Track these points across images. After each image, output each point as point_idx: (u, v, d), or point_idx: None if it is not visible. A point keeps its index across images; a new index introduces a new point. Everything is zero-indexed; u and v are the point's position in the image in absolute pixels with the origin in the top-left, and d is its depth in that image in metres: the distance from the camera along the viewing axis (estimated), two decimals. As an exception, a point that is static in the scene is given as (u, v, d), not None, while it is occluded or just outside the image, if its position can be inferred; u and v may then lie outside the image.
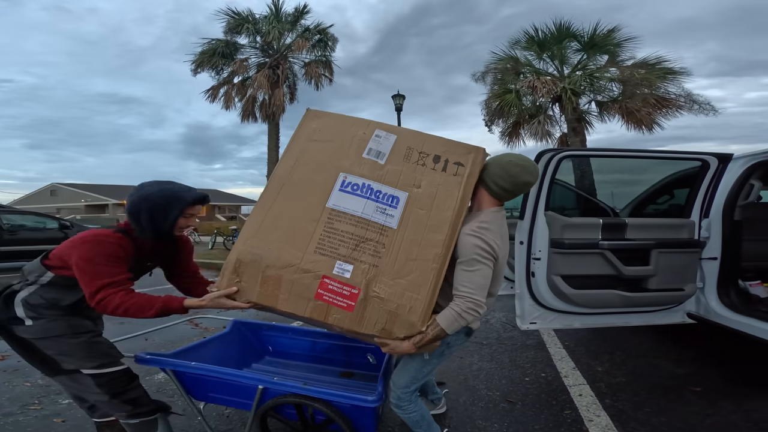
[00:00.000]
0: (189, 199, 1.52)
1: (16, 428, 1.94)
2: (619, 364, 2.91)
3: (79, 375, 1.49)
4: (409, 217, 1.39)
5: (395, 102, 10.08)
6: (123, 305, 1.35)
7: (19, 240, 7.58)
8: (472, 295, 1.33)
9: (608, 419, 2.14)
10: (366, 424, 1.56)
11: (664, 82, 9.03)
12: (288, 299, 1.32)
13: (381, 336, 1.34)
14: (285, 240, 1.36)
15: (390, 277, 1.31)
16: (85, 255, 1.37)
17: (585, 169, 8.56)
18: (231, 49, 13.62)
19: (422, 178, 1.45)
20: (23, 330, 1.48)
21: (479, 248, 1.35)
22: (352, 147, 1.52)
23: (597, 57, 9.90)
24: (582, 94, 9.80)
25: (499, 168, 1.46)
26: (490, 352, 3.18)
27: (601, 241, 2.51)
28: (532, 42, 9.99)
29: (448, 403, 2.31)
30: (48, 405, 2.19)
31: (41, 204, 32.54)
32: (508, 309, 4.49)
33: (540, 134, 9.88)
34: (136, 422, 1.60)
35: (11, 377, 2.55)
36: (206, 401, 1.85)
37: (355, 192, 1.42)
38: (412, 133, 1.56)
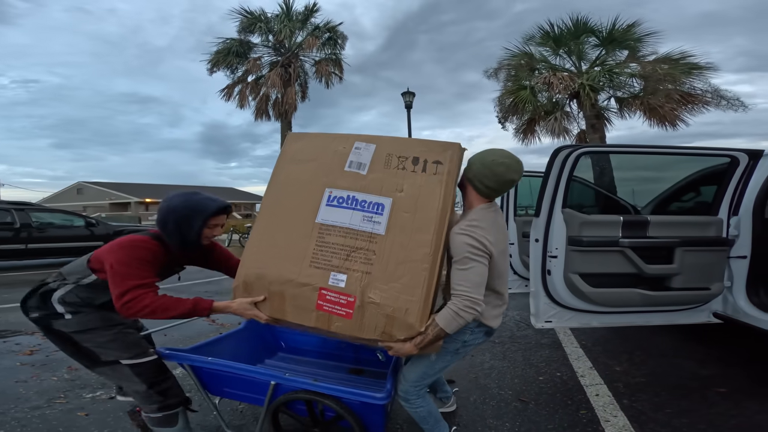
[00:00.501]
0: (211, 209, 1.56)
1: (42, 421, 2.01)
2: (639, 364, 2.81)
3: (119, 366, 1.58)
4: (396, 222, 1.41)
5: (405, 99, 10.06)
6: (151, 305, 1.42)
7: (47, 237, 7.86)
8: (468, 293, 1.33)
9: (626, 420, 2.06)
10: (375, 421, 1.56)
11: (690, 77, 8.73)
12: (294, 312, 1.41)
13: (382, 339, 1.36)
14: (283, 257, 1.44)
15: (383, 282, 1.34)
16: (121, 259, 1.45)
17: (604, 166, 8.33)
18: (245, 48, 13.90)
19: (404, 182, 1.47)
20: (62, 324, 1.57)
21: (470, 246, 1.36)
22: (334, 162, 1.57)
23: (616, 52, 9.64)
24: (601, 90, 9.56)
25: (484, 167, 1.46)
26: (503, 351, 3.12)
27: (622, 238, 2.45)
28: (547, 38, 9.81)
29: (458, 401, 2.28)
30: (73, 399, 2.25)
31: (68, 202, 33.73)
32: (522, 307, 4.40)
33: (557, 131, 9.69)
34: (160, 416, 1.65)
35: (39, 371, 2.64)
36: (221, 396, 1.88)
37: (341, 205, 1.47)
38: (390, 140, 1.59)
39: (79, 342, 1.58)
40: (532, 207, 4.51)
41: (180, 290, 4.72)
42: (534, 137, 10.61)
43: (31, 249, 7.67)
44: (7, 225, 7.38)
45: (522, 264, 3.99)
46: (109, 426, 1.95)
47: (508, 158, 1.45)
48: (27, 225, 7.59)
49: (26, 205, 8.12)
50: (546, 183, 2.44)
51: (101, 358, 1.58)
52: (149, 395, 1.62)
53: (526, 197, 4.34)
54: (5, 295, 5.14)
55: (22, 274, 7.06)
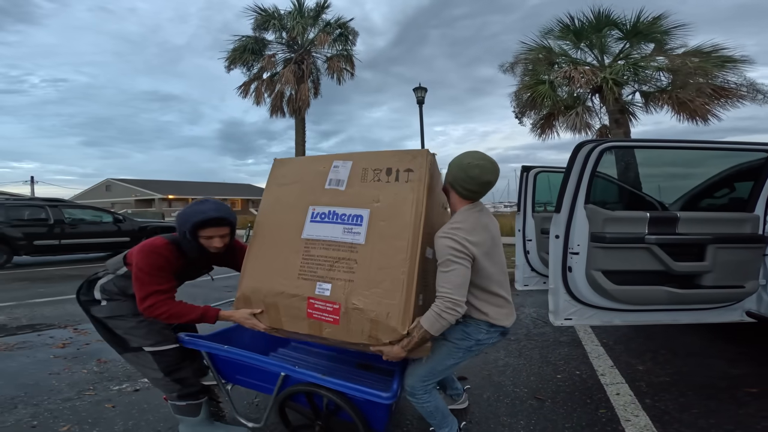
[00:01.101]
0: (192, 222, 1.58)
1: (73, 412, 2.10)
2: (663, 363, 2.70)
3: (142, 353, 1.70)
4: (374, 231, 1.49)
5: (417, 95, 9.97)
6: (168, 312, 1.58)
7: (79, 233, 8.21)
8: (449, 295, 1.36)
9: (647, 419, 1.99)
10: (378, 418, 1.58)
11: (723, 70, 8.28)
12: (289, 321, 1.53)
13: (370, 343, 1.41)
14: (274, 272, 1.57)
15: (365, 288, 1.41)
16: (139, 264, 1.58)
17: (630, 161, 8.02)
18: (260, 45, 14.06)
19: (379, 193, 1.56)
20: (98, 310, 1.74)
21: (451, 249, 1.39)
22: (315, 182, 1.69)
23: (642, 45, 9.27)
24: (625, 84, 9.20)
25: (460, 170, 1.49)
26: (518, 348, 3.06)
27: (648, 235, 2.38)
28: (567, 31, 9.52)
29: (471, 398, 2.25)
30: (101, 391, 2.35)
31: (97, 199, 34.92)
32: (539, 304, 4.31)
33: (578, 126, 9.39)
34: (183, 404, 1.75)
35: (71, 363, 2.76)
36: (235, 383, 1.94)
37: (323, 220, 1.59)
38: (365, 155, 1.69)
39: (112, 328, 1.74)
40: (551, 203, 4.44)
41: (202, 284, 4.87)
42: (552, 132, 10.33)
43: (64, 244, 8.02)
44: (41, 221, 7.76)
45: (540, 261, 3.91)
46: (133, 418, 2.03)
47: (482, 160, 1.48)
48: (60, 221, 7.95)
49: (59, 201, 8.51)
50: (568, 178, 2.40)
51: (129, 344, 1.71)
52: (166, 383, 1.72)
53: (545, 193, 4.25)
54: (40, 290, 5.39)
55: (55, 269, 7.38)
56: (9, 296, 4.91)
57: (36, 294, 5.06)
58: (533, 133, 10.70)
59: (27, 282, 6.01)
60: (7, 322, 3.74)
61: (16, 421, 1.97)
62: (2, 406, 2.11)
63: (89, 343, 3.09)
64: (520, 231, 3.95)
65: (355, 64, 14.65)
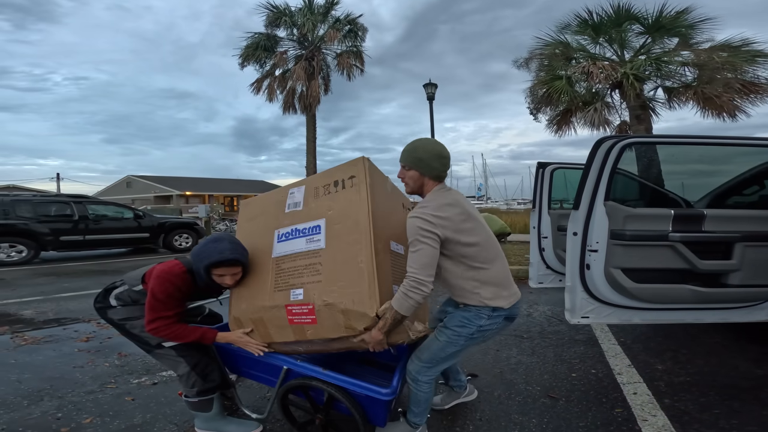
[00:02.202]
0: (208, 261, 1.66)
1: (95, 405, 2.16)
2: (684, 362, 2.62)
3: (165, 348, 1.79)
4: (332, 234, 1.64)
5: (427, 91, 9.87)
6: (171, 334, 1.71)
7: (102, 229, 8.43)
8: (414, 275, 1.41)
9: (666, 419, 1.94)
10: (378, 414, 1.60)
11: (753, 65, 7.93)
12: (276, 332, 1.65)
13: (348, 334, 1.48)
14: (255, 292, 1.73)
15: (332, 284, 1.53)
16: (154, 290, 1.68)
17: (652, 158, 7.79)
18: (272, 42, 14.15)
19: (332, 203, 1.73)
20: (113, 312, 1.86)
21: (418, 228, 1.45)
22: (277, 210, 1.91)
23: (665, 40, 8.96)
24: (647, 80, 8.92)
25: (429, 153, 1.60)
26: (532, 346, 3.02)
27: (672, 233, 2.34)
28: (585, 26, 9.29)
29: (481, 395, 2.23)
30: (122, 384, 2.42)
31: (119, 195, 35.63)
32: (554, 302, 4.23)
33: (596, 122, 9.15)
34: (196, 401, 1.81)
35: (94, 357, 2.85)
36: (239, 375, 2.00)
37: (288, 238, 1.77)
38: (314, 177, 1.92)
39: (129, 329, 1.83)
40: (567, 200, 4.36)
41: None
42: (569, 128, 10.10)
43: (88, 240, 8.24)
44: (67, 217, 8.01)
45: (556, 258, 3.84)
46: (152, 411, 2.08)
47: (437, 143, 1.65)
48: (84, 217, 8.18)
49: (83, 198, 8.76)
50: (587, 175, 2.36)
51: (151, 342, 1.79)
52: (190, 377, 1.78)
53: (561, 190, 4.18)
54: (65, 284, 5.57)
55: (79, 264, 7.57)
56: (36, 291, 5.11)
57: (61, 289, 5.24)
58: (549, 129, 10.49)
59: (53, 277, 6.22)
60: (34, 316, 3.89)
61: (42, 414, 2.04)
62: (29, 399, 2.20)
63: (111, 337, 3.19)
64: (535, 228, 3.89)
65: (364, 61, 14.66)
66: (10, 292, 5.01)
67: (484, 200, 54.46)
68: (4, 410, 2.06)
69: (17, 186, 28.12)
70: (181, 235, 9.64)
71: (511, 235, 10.55)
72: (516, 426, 1.94)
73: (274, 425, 1.92)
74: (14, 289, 5.20)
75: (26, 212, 7.60)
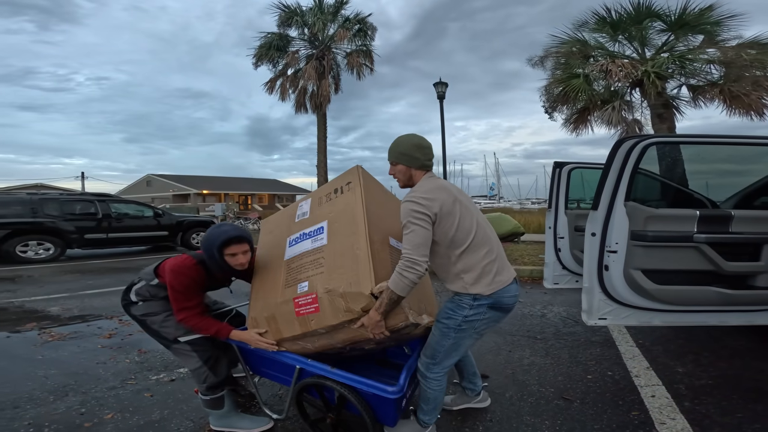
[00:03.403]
0: (218, 242, 1.77)
1: (116, 400, 2.23)
2: (706, 365, 2.54)
3: (180, 343, 1.87)
4: (333, 232, 1.81)
5: (437, 90, 9.76)
6: (196, 325, 1.83)
7: (124, 227, 8.63)
8: (408, 254, 1.45)
9: (685, 422, 1.88)
10: (387, 412, 1.61)
11: None
12: (285, 327, 1.73)
13: (348, 318, 1.52)
14: (270, 290, 1.86)
15: (332, 272, 1.64)
16: (171, 283, 1.79)
17: (676, 157, 7.55)
18: (284, 42, 14.28)
19: (333, 207, 1.94)
20: (135, 309, 1.94)
21: (411, 210, 1.51)
22: (289, 222, 2.16)
23: (689, 37, 8.69)
24: (670, 78, 8.66)
25: (415, 148, 1.68)
26: (545, 347, 2.97)
27: (697, 234, 2.28)
28: (603, 23, 9.08)
29: (492, 396, 2.20)
30: (141, 380, 2.48)
31: (139, 194, 36.51)
32: (569, 303, 4.16)
33: (615, 121, 8.93)
34: (208, 398, 1.88)
35: (115, 353, 2.94)
36: (261, 375, 2.04)
37: (297, 242, 1.96)
38: (319, 189, 2.19)
39: (149, 324, 1.91)
40: (584, 200, 4.27)
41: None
42: (586, 127, 9.87)
43: (111, 238, 8.45)
44: (91, 215, 8.23)
45: (573, 258, 3.78)
46: (169, 407, 2.13)
47: (418, 136, 1.74)
48: (107, 215, 8.40)
49: (106, 196, 8.97)
50: (607, 175, 2.33)
51: (168, 337, 1.88)
52: (202, 372, 1.85)
53: (577, 190, 4.11)
54: (89, 282, 5.77)
55: (102, 262, 7.79)
56: (63, 288, 5.30)
57: (86, 286, 5.42)
58: (565, 128, 10.29)
59: (78, 274, 6.43)
60: (60, 313, 4.05)
61: (67, 409, 2.11)
62: (55, 394, 2.27)
63: (132, 334, 3.29)
64: (550, 228, 3.83)
65: (374, 59, 14.69)
66: (38, 289, 5.22)
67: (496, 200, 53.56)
68: (31, 405, 2.13)
69: (45, 184, 29.10)
70: (198, 233, 9.81)
71: (525, 235, 10.40)
72: (528, 428, 1.92)
73: (285, 423, 1.95)
74: (42, 286, 5.41)
75: (53, 211, 7.81)
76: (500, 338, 3.17)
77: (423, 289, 1.86)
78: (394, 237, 1.85)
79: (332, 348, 1.70)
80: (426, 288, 1.94)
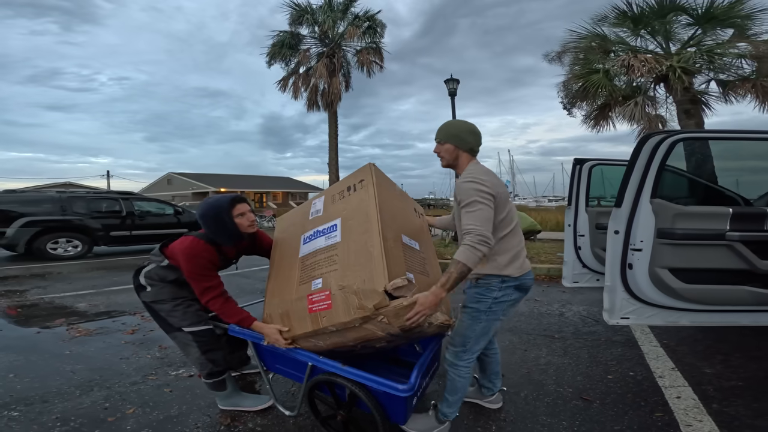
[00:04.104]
0: (227, 203, 1.85)
1: (138, 396, 2.24)
2: (736, 366, 2.43)
3: (182, 332, 1.93)
4: (346, 229, 1.80)
5: (449, 87, 9.63)
6: (220, 309, 1.85)
7: (147, 225, 8.86)
8: (479, 229, 1.47)
9: (713, 424, 1.80)
10: (397, 410, 1.61)
11: None
12: (298, 324, 1.74)
13: (359, 315, 1.49)
14: (285, 287, 1.88)
15: (346, 269, 1.64)
16: (187, 268, 1.81)
17: (706, 153, 7.25)
18: (296, 40, 14.43)
19: (346, 205, 1.93)
20: (145, 295, 1.99)
21: (476, 190, 1.53)
22: (303, 219, 2.16)
23: (717, 31, 8.35)
24: (697, 73, 8.33)
25: (469, 132, 1.74)
26: (564, 347, 2.89)
27: (729, 232, 2.21)
28: (624, 18, 8.80)
29: (506, 395, 2.16)
30: (162, 376, 2.53)
31: (160, 192, 37.19)
32: (589, 302, 4.04)
33: (638, 117, 8.66)
34: (211, 382, 1.99)
35: (138, 349, 3.02)
36: (275, 372, 2.06)
37: (311, 239, 1.95)
38: (331, 187, 2.18)
39: (157, 311, 1.97)
40: (605, 198, 4.16)
41: (249, 275, 5.16)
42: (608, 124, 9.60)
43: (134, 235, 8.67)
44: (116, 213, 8.47)
45: (594, 256, 3.68)
46: (187, 402, 2.17)
47: (469, 122, 1.78)
48: (131, 213, 8.62)
49: (129, 194, 9.20)
50: (631, 171, 2.28)
51: (173, 324, 1.94)
52: (202, 361, 1.94)
53: (598, 187, 4.02)
54: (115, 278, 5.96)
55: (125, 259, 8.05)
56: (90, 284, 5.50)
57: (111, 282, 5.60)
58: (585, 124, 10.04)
59: (104, 271, 6.66)
60: (88, 309, 4.20)
61: (92, 403, 2.16)
62: (81, 389, 2.33)
63: (153, 330, 3.37)
64: (570, 226, 3.74)
65: (383, 57, 14.71)
66: (67, 285, 5.42)
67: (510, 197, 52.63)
68: (59, 399, 2.20)
69: (73, 183, 30.09)
70: None
71: (542, 233, 10.18)
72: (544, 428, 1.87)
73: (298, 420, 1.97)
74: (71, 283, 5.62)
75: (81, 209, 8.06)
76: (515, 337, 3.12)
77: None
78: (406, 235, 1.87)
79: (344, 346, 1.70)
80: None
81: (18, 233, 7.32)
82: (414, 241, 1.89)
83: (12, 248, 7.45)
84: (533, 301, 4.26)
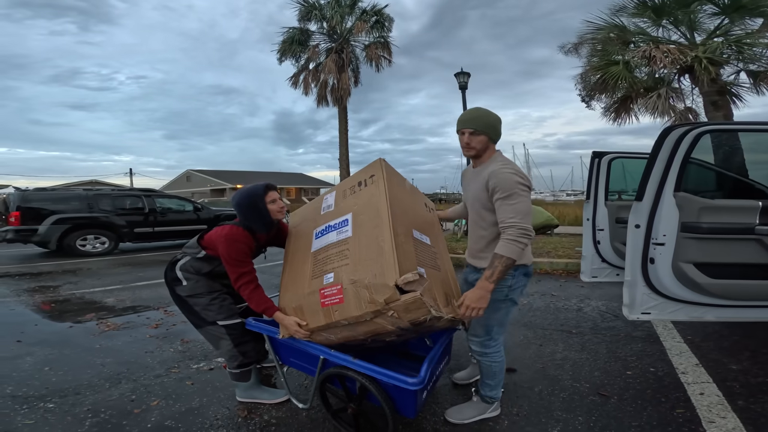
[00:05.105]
0: (261, 189, 1.96)
1: (161, 388, 2.30)
2: (764, 363, 2.36)
3: (216, 326, 2.00)
4: (357, 224, 1.82)
5: (459, 80, 9.45)
6: (249, 296, 1.90)
7: (168, 221, 9.06)
8: (521, 223, 1.51)
9: (737, 421, 1.75)
10: (407, 404, 1.62)
11: None
12: (310, 318, 1.75)
13: (370, 308, 1.50)
14: (298, 281, 1.90)
15: (357, 263, 1.65)
16: (225, 252, 1.87)
17: (735, 146, 6.95)
18: (305, 36, 14.50)
19: (357, 200, 1.96)
20: (181, 289, 2.03)
21: (517, 183, 1.56)
22: (315, 214, 2.20)
23: (746, 21, 7.98)
24: (725, 64, 7.99)
25: (499, 123, 1.77)
26: (581, 342, 2.85)
27: (759, 225, 2.15)
28: (644, 8, 8.48)
29: (520, 390, 2.14)
30: (183, 369, 2.60)
31: (180, 189, 37.86)
32: (608, 297, 3.96)
33: (662, 109, 8.36)
34: (238, 372, 2.06)
35: (161, 343, 3.11)
36: (289, 365, 2.11)
37: (323, 234, 1.98)
38: (344, 182, 2.21)
39: (192, 305, 2.02)
40: (625, 191, 4.05)
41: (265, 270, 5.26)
42: (629, 116, 9.30)
43: (157, 232, 8.88)
44: (139, 210, 8.70)
45: (613, 251, 3.60)
46: (207, 395, 2.22)
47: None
48: (153, 210, 8.84)
49: (151, 191, 9.46)
50: (652, 165, 2.23)
51: (207, 319, 2.00)
52: (234, 353, 2.00)
53: (619, 181, 3.92)
54: (140, 274, 6.17)
55: (148, 255, 8.27)
56: (116, 280, 5.71)
57: (136, 278, 5.80)
58: (606, 117, 9.74)
59: (129, 267, 6.89)
60: (115, 304, 4.37)
61: (120, 395, 2.24)
62: (110, 381, 2.42)
63: (175, 324, 3.49)
64: (589, 220, 3.66)
65: (392, 51, 14.63)
66: (96, 281, 5.65)
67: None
68: (90, 392, 2.29)
69: (99, 181, 31.06)
70: None
71: (560, 228, 9.98)
72: (558, 423, 1.85)
73: (310, 412, 2.01)
74: (100, 278, 5.85)
75: (107, 206, 8.31)
76: (530, 332, 3.09)
77: (448, 282, 1.84)
78: (417, 229, 1.87)
79: (354, 339, 1.72)
80: (451, 281, 1.92)
81: (50, 230, 7.62)
82: (425, 236, 1.90)
83: (44, 245, 7.73)
84: (550, 296, 4.20)
